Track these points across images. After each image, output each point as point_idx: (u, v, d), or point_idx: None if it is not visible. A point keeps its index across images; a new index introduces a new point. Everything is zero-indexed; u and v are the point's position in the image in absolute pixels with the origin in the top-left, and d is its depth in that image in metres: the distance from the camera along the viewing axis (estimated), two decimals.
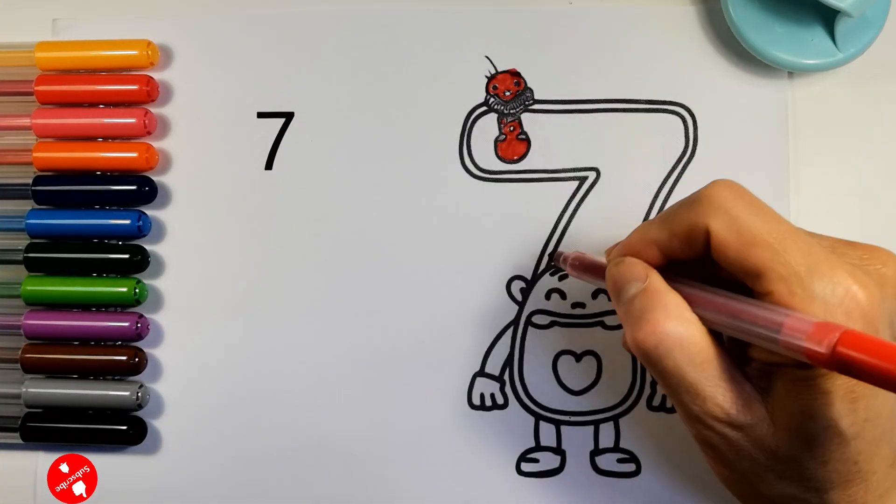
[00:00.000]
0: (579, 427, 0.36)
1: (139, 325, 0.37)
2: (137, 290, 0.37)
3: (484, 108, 0.37)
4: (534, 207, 0.37)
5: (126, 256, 0.37)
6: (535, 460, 0.36)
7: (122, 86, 0.37)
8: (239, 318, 0.37)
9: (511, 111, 0.37)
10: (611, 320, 0.36)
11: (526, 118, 0.37)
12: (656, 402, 0.36)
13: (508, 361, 0.37)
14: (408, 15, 0.37)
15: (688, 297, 0.25)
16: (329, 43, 0.38)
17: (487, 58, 0.37)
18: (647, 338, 0.24)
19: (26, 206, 0.37)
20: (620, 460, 0.36)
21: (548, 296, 0.37)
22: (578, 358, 0.36)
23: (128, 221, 0.37)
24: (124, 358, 0.36)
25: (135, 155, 0.37)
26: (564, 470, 0.36)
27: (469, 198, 0.37)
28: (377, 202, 0.37)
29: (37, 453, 0.38)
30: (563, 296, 0.36)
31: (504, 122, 0.37)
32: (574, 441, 0.36)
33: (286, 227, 0.37)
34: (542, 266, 0.37)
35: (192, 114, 0.38)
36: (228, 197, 0.38)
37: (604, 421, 0.36)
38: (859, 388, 0.23)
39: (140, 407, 0.37)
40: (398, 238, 0.37)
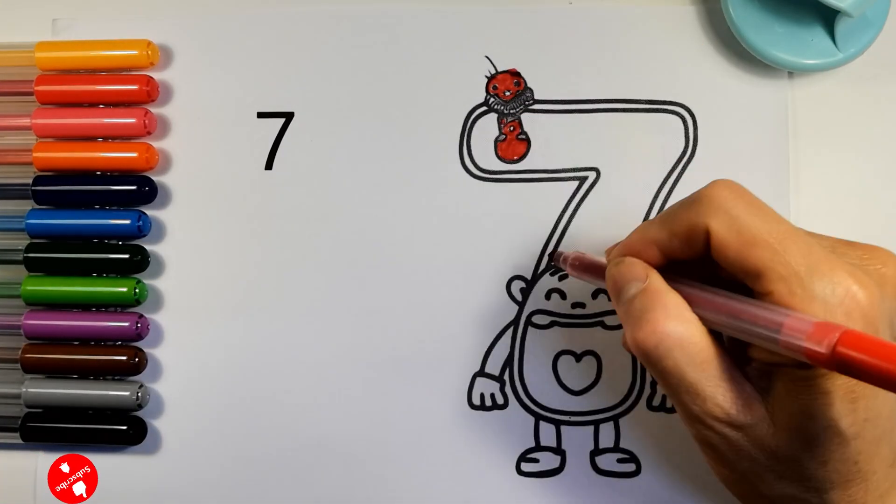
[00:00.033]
0: (579, 427, 0.36)
1: (139, 325, 0.37)
2: (137, 290, 0.37)
3: (484, 108, 0.37)
4: (534, 207, 0.37)
5: (126, 256, 0.37)
6: (535, 460, 0.36)
7: (122, 86, 0.37)
8: (239, 318, 0.37)
9: (511, 111, 0.37)
10: (611, 320, 0.36)
11: (526, 118, 0.37)
12: (656, 402, 0.36)
13: (508, 361, 0.37)
14: (408, 15, 0.37)
15: (688, 297, 0.25)
16: (329, 43, 0.38)
17: (487, 58, 0.37)
18: (647, 338, 0.24)
19: (26, 206, 0.37)
20: (620, 460, 0.36)
21: (548, 296, 0.37)
22: (578, 358, 0.36)
23: (128, 221, 0.37)
24: (124, 358, 0.36)
25: (135, 155, 0.37)
26: (564, 470, 0.36)
27: (469, 198, 0.37)
28: (377, 202, 0.37)
29: (37, 453, 0.38)
30: (563, 296, 0.36)
31: (504, 122, 0.37)
32: (574, 441, 0.36)
33: (286, 227, 0.37)
34: (542, 266, 0.37)
35: (192, 114, 0.38)
36: (228, 197, 0.38)
37: (604, 421, 0.36)
38: (859, 388, 0.23)
39: (140, 407, 0.37)
40: (398, 238, 0.37)
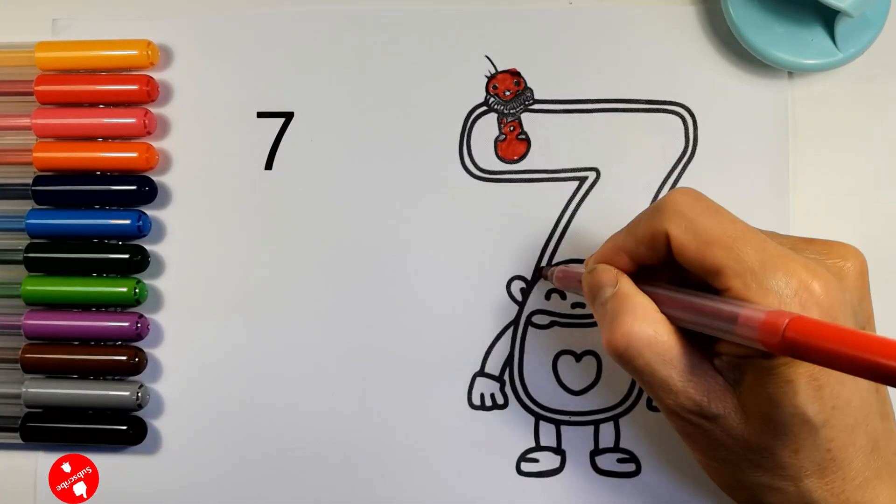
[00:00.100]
0: (579, 427, 0.36)
1: (139, 325, 0.37)
2: (137, 290, 0.37)
3: (484, 108, 0.37)
4: (534, 207, 0.37)
5: (126, 256, 0.37)
6: (535, 460, 0.36)
7: (122, 86, 0.37)
8: (239, 318, 0.37)
9: (511, 111, 0.37)
10: None
11: (526, 118, 0.37)
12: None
13: (508, 361, 0.37)
14: (408, 15, 0.37)
15: (656, 298, 0.26)
16: (329, 43, 0.38)
17: (487, 57, 0.37)
18: (619, 339, 0.26)
19: (26, 206, 0.37)
20: (620, 460, 0.36)
21: (548, 296, 0.37)
22: (578, 358, 0.36)
23: (128, 221, 0.37)
24: (124, 358, 0.36)
25: (135, 155, 0.37)
26: (564, 470, 0.36)
27: (469, 198, 0.37)
28: (377, 202, 0.37)
29: (37, 453, 0.38)
30: (563, 296, 0.36)
31: (504, 122, 0.37)
32: (574, 441, 0.36)
33: (286, 227, 0.37)
34: (543, 266, 0.37)
35: (192, 114, 0.38)
36: (228, 197, 0.38)
37: (604, 421, 0.36)
38: (823, 375, 0.23)
39: (140, 407, 0.37)
40: (398, 238, 0.37)
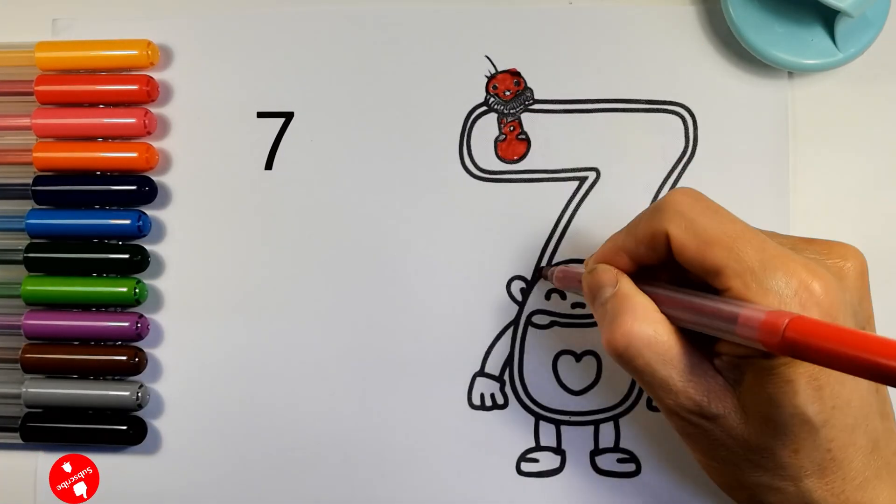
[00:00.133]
0: (579, 427, 0.36)
1: (139, 325, 0.37)
2: (137, 290, 0.37)
3: (484, 108, 0.37)
4: (534, 207, 0.37)
5: (126, 256, 0.37)
6: (535, 460, 0.36)
7: (122, 86, 0.37)
8: (239, 318, 0.37)
9: (511, 111, 0.37)
10: None
11: (526, 118, 0.37)
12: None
13: (508, 361, 0.37)
14: (408, 15, 0.37)
15: (656, 298, 0.26)
16: (329, 43, 0.38)
17: (487, 57, 0.37)
18: (619, 339, 0.25)
19: (26, 206, 0.37)
20: (620, 460, 0.36)
21: (548, 296, 0.37)
22: (578, 358, 0.36)
23: (128, 221, 0.37)
24: (124, 358, 0.36)
25: (135, 155, 0.37)
26: (564, 470, 0.36)
27: (469, 198, 0.37)
28: (377, 202, 0.37)
29: (37, 453, 0.38)
30: (563, 296, 0.36)
31: (504, 122, 0.37)
32: (574, 441, 0.36)
33: (286, 226, 0.37)
34: (543, 266, 0.37)
35: (192, 114, 0.38)
36: (228, 197, 0.38)
37: (604, 421, 0.36)
38: (823, 375, 0.23)
39: (140, 407, 0.37)
40: (398, 238, 0.37)
